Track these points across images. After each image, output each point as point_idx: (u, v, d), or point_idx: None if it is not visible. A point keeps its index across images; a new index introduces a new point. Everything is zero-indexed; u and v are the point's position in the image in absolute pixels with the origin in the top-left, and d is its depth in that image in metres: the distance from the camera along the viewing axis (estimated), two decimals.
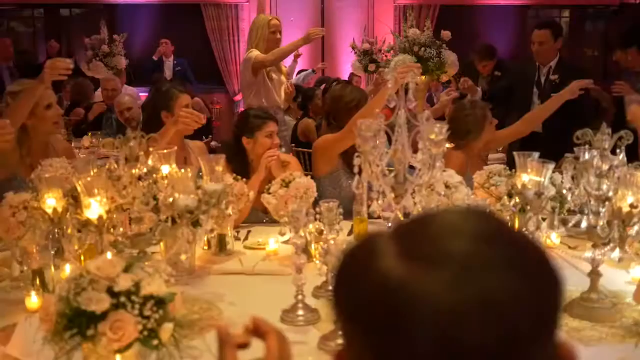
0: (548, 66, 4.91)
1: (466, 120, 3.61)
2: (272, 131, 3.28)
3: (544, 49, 4.90)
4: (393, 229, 0.76)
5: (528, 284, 0.69)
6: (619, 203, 2.01)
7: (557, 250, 2.72)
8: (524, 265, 0.71)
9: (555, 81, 4.83)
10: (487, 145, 3.80)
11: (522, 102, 4.94)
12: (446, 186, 2.53)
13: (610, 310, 2.09)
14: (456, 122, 3.59)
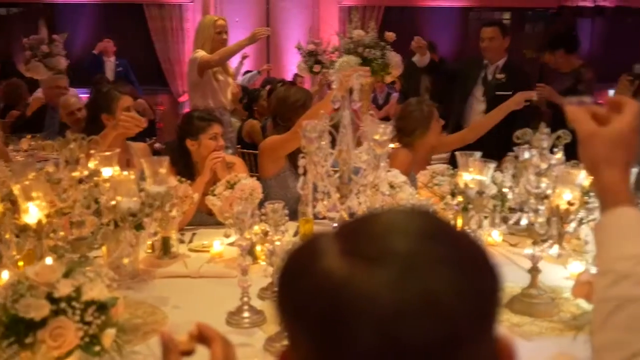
0: (495, 65, 5.00)
1: (413, 116, 3.67)
2: (217, 133, 3.25)
3: (494, 45, 4.98)
4: (337, 228, 0.77)
5: (469, 281, 0.70)
6: (557, 201, 2.07)
7: (498, 247, 2.77)
8: (465, 263, 0.72)
9: (502, 80, 4.93)
10: (433, 149, 3.85)
11: (466, 99, 5.03)
12: (391, 186, 2.55)
13: (549, 305, 2.14)
14: (403, 120, 3.70)
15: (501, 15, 11.62)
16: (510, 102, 3.76)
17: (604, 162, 1.05)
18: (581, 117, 1.08)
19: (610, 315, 0.92)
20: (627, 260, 0.95)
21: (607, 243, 1.01)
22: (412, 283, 0.67)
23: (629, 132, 1.05)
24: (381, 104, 8.41)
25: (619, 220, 1.01)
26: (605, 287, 0.95)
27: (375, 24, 5.26)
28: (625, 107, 1.07)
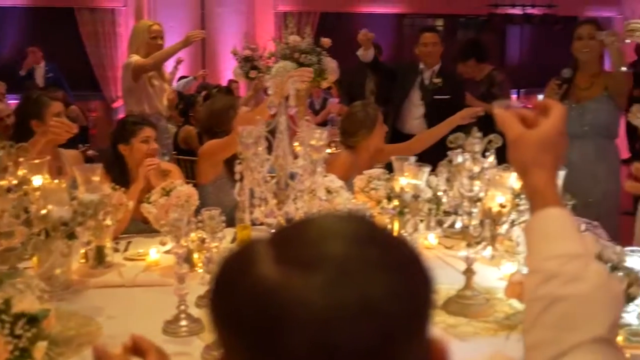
0: (432, 70, 5.09)
1: (357, 117, 3.72)
2: (149, 136, 3.21)
3: (435, 50, 5.08)
4: (271, 235, 0.77)
5: (403, 284, 0.71)
6: (490, 203, 2.11)
7: (434, 250, 2.82)
8: (398, 266, 0.73)
9: (439, 85, 5.03)
10: (376, 157, 3.89)
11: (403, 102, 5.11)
12: (328, 191, 2.56)
13: (483, 305, 2.19)
14: (347, 121, 3.79)
15: (434, 21, 11.84)
16: (457, 117, 3.84)
17: (533, 164, 1.07)
18: (509, 120, 1.10)
19: (540, 314, 0.95)
20: (555, 259, 0.98)
21: (536, 243, 1.03)
22: (346, 287, 0.68)
23: (555, 134, 1.08)
24: (318, 109, 8.44)
25: (548, 221, 1.04)
26: (535, 286, 0.98)
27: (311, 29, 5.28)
28: (551, 110, 1.10)
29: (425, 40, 5.11)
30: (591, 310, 0.93)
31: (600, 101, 3.89)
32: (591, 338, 0.90)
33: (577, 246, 1.00)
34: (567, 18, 10.21)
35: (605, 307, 0.94)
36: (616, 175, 3.96)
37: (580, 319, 0.92)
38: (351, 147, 3.71)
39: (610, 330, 0.92)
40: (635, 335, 1.89)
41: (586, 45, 3.93)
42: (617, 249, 1.96)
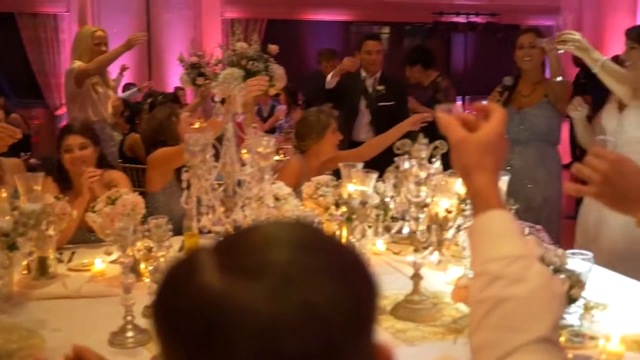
0: (374, 77, 5.15)
1: (309, 121, 3.77)
2: (70, 145, 3.15)
3: (379, 58, 5.14)
4: (215, 243, 0.76)
5: (346, 290, 0.71)
6: (436, 209, 2.14)
7: (382, 256, 2.84)
8: (342, 272, 0.73)
9: (382, 92, 5.09)
10: (328, 165, 3.90)
11: (351, 111, 5.14)
12: (276, 198, 2.56)
13: (431, 310, 2.22)
14: (300, 124, 3.87)
15: (380, 29, 11.96)
16: (407, 123, 3.88)
17: (475, 168, 1.09)
18: (451, 124, 1.12)
19: (485, 316, 0.96)
20: (499, 261, 0.99)
21: (480, 246, 1.05)
22: (289, 294, 0.68)
23: (496, 137, 1.10)
24: (266, 116, 8.41)
25: (491, 223, 1.05)
26: (480, 288, 0.99)
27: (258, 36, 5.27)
28: (492, 113, 1.11)
29: (369, 48, 5.16)
30: (534, 310, 0.95)
31: (541, 108, 3.98)
32: (535, 338, 0.92)
33: (520, 247, 1.02)
34: (510, 26, 10.45)
35: (547, 307, 0.96)
36: (557, 180, 4.05)
37: (523, 319, 0.94)
38: (302, 152, 3.74)
39: (552, 329, 0.94)
40: (577, 336, 1.94)
41: (527, 53, 4.03)
42: (559, 252, 2.01)
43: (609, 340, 1.88)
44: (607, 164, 1.27)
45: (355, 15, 11.21)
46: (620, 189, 1.25)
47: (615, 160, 1.28)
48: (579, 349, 1.91)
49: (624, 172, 1.26)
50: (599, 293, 2.18)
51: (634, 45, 3.29)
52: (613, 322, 2.03)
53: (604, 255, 3.04)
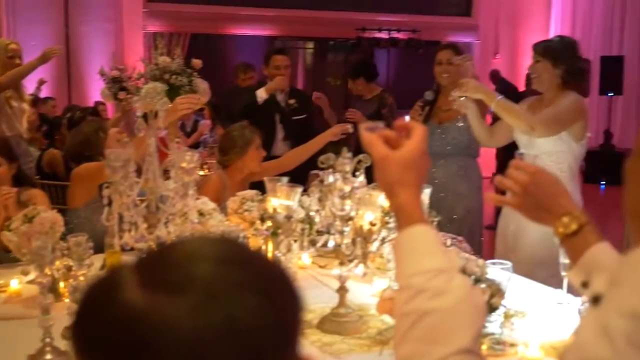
0: (284, 92, 5.18)
1: (232, 136, 3.78)
2: None
3: (287, 73, 5.17)
4: (136, 259, 0.75)
5: (270, 304, 0.72)
6: (361, 222, 2.16)
7: (308, 270, 2.84)
8: (265, 286, 0.73)
9: (294, 105, 5.12)
10: (250, 177, 3.89)
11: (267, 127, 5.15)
12: (200, 213, 2.53)
13: (357, 322, 2.23)
14: (223, 139, 3.88)
15: (305, 44, 12.06)
16: (329, 134, 3.91)
17: (398, 184, 1.11)
18: (374, 142, 1.14)
19: (410, 328, 0.98)
20: (422, 275, 1.01)
21: (404, 260, 1.07)
22: (213, 309, 0.68)
23: (418, 154, 1.13)
24: (189, 131, 8.32)
25: (414, 238, 1.07)
26: (404, 302, 1.01)
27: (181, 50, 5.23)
28: (413, 131, 1.14)
29: (277, 62, 5.14)
30: (456, 322, 0.97)
31: (461, 122, 4.08)
32: (457, 350, 0.94)
33: (442, 261, 1.04)
34: (431, 42, 10.72)
35: (469, 319, 0.98)
36: (478, 192, 4.16)
37: (446, 331, 0.96)
38: (225, 167, 3.73)
39: (474, 340, 0.96)
40: (498, 344, 1.99)
41: (445, 70, 4.13)
42: (479, 262, 2.06)
43: (528, 347, 1.94)
44: (526, 176, 1.32)
45: (280, 30, 11.27)
46: (538, 199, 1.30)
47: (534, 172, 1.33)
48: (499, 356, 1.96)
49: (541, 183, 1.31)
50: (518, 301, 2.25)
51: (539, 58, 3.43)
52: (532, 329, 2.09)
53: (523, 264, 3.14)
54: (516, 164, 1.37)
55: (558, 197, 1.29)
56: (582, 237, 1.24)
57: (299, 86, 11.92)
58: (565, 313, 2.32)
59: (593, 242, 1.23)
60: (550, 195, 1.30)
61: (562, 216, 1.26)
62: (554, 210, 1.28)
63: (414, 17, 11.57)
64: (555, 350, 2.00)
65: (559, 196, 1.29)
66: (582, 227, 1.25)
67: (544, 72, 3.42)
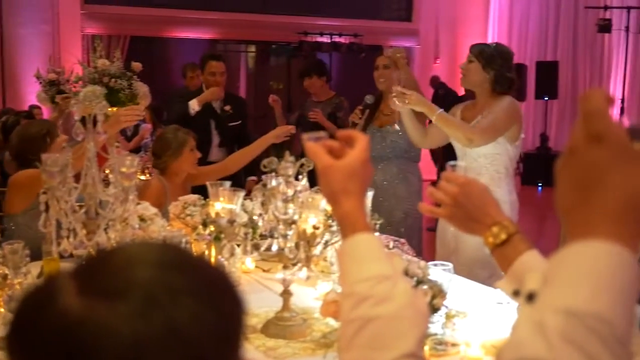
0: (220, 98, 5.15)
1: (165, 139, 3.75)
2: None
3: (222, 79, 5.14)
4: (74, 267, 0.74)
5: (212, 308, 0.72)
6: (304, 225, 2.17)
7: (252, 274, 2.83)
8: (206, 291, 0.73)
9: (229, 112, 5.11)
10: (191, 181, 3.85)
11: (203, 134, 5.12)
12: (141, 219, 2.50)
13: (301, 326, 2.23)
14: (156, 142, 3.85)
15: (246, 47, 12.02)
16: (271, 136, 3.90)
17: (341, 193, 1.13)
18: (318, 152, 1.16)
19: (354, 335, 0.98)
20: (366, 282, 1.03)
21: (348, 267, 1.08)
22: (154, 314, 0.68)
23: (360, 164, 1.14)
24: (130, 135, 8.19)
25: (358, 246, 1.09)
26: (349, 309, 1.02)
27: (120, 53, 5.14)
28: (356, 141, 1.16)
29: (213, 69, 5.11)
30: (400, 328, 0.98)
31: (402, 125, 4.13)
32: (401, 355, 0.95)
33: (385, 267, 1.05)
34: (372, 47, 10.82)
35: (412, 324, 0.99)
36: (418, 195, 4.20)
37: (390, 337, 0.97)
38: (162, 171, 3.70)
39: (418, 345, 0.98)
40: (440, 344, 2.02)
41: (381, 74, 4.18)
42: (421, 264, 2.09)
43: (469, 347, 1.97)
44: (456, 187, 1.35)
45: (221, 34, 11.20)
46: (468, 210, 1.33)
47: (463, 183, 1.36)
48: (442, 356, 1.99)
49: (470, 193, 1.33)
50: (459, 302, 2.28)
51: (472, 58, 3.52)
52: (473, 328, 2.13)
53: (464, 265, 3.21)
54: (447, 175, 1.39)
55: (487, 207, 1.31)
56: (511, 246, 1.26)
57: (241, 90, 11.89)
58: (505, 312, 2.37)
59: (523, 251, 1.25)
60: (479, 205, 1.32)
61: (491, 226, 1.28)
62: (483, 221, 1.30)
63: (356, 21, 11.66)
64: (495, 349, 2.04)
65: (488, 206, 1.31)
66: (511, 236, 1.27)
67: (473, 72, 3.51)
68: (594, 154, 0.74)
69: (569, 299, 0.71)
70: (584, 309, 0.70)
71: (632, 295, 0.72)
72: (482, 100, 3.54)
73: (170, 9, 10.67)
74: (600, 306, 0.70)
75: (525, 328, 0.72)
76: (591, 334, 0.69)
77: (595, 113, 0.74)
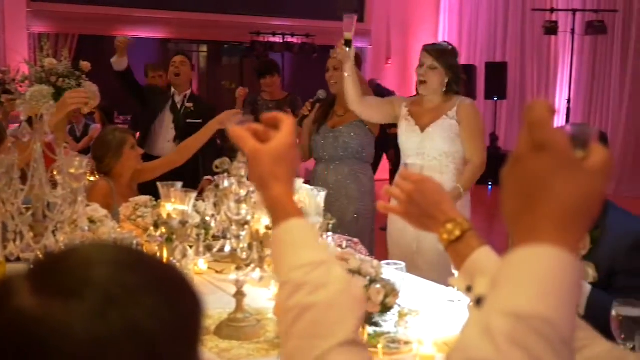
0: (184, 94, 5.13)
1: (104, 141, 3.69)
2: None
3: (185, 69, 5.14)
4: (29, 267, 0.73)
5: (169, 306, 0.72)
6: (257, 226, 2.16)
7: (205, 275, 2.80)
8: (164, 289, 0.73)
9: (191, 109, 5.08)
10: (137, 179, 3.80)
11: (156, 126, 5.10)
12: (91, 221, 2.45)
13: (255, 327, 2.22)
14: (96, 146, 3.78)
15: (198, 47, 11.92)
16: (215, 122, 3.84)
17: (270, 177, 1.11)
18: (244, 135, 1.14)
19: (293, 324, 0.98)
20: (300, 269, 1.02)
21: (283, 255, 1.07)
22: (110, 311, 0.67)
23: (287, 147, 1.13)
24: (79, 135, 8.05)
25: (291, 232, 1.08)
26: (286, 298, 1.01)
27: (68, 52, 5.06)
28: (282, 124, 1.15)
29: (177, 64, 5.20)
30: (337, 315, 0.98)
31: (354, 127, 4.14)
32: (340, 342, 0.95)
33: (320, 253, 1.05)
34: (324, 47, 10.84)
35: (350, 310, 0.99)
36: (370, 195, 4.21)
37: (328, 325, 0.97)
38: (107, 174, 3.63)
39: (356, 331, 0.98)
40: (393, 342, 2.03)
41: (332, 76, 4.17)
42: (374, 263, 2.10)
43: (422, 344, 1.99)
44: (411, 184, 1.36)
45: (173, 33, 11.09)
46: (422, 207, 1.34)
47: (418, 180, 1.37)
48: (395, 355, 2.00)
49: (425, 190, 1.35)
50: (412, 300, 2.31)
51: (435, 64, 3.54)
52: (425, 326, 2.15)
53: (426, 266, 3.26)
54: (403, 173, 1.41)
55: (441, 205, 1.32)
56: (465, 242, 1.27)
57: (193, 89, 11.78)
58: (457, 310, 2.40)
59: (476, 247, 1.26)
60: (433, 202, 1.33)
61: (445, 223, 1.29)
62: (437, 217, 1.32)
63: (308, 21, 11.68)
64: (448, 346, 2.07)
65: (442, 204, 1.33)
66: (465, 233, 1.28)
67: (437, 78, 3.54)
68: (538, 162, 0.77)
69: (515, 302, 0.73)
70: (529, 311, 0.71)
71: (575, 297, 0.74)
72: (435, 100, 3.59)
73: (120, 7, 10.52)
74: (545, 308, 0.71)
75: (473, 330, 0.73)
76: (537, 335, 0.70)
77: (539, 122, 0.76)
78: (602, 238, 2.37)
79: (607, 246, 2.36)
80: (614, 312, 1.88)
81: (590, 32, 10.37)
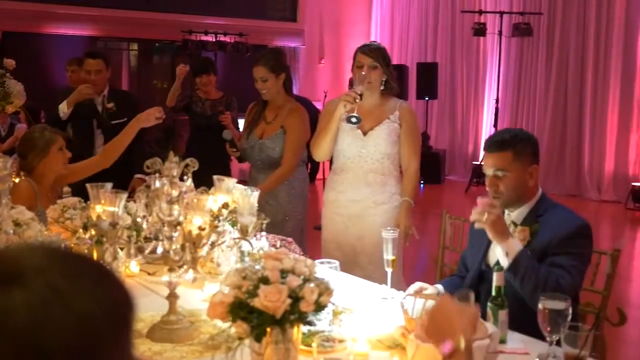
0: (102, 95, 4.97)
1: (30, 138, 3.57)
2: None
3: (101, 77, 4.94)
4: None
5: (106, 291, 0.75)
6: (189, 226, 2.13)
7: (137, 278, 2.76)
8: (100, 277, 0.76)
9: (113, 109, 4.93)
10: (65, 179, 3.70)
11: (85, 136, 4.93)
12: (16, 224, 2.37)
13: (188, 329, 2.20)
14: (21, 142, 3.65)
15: (129, 45, 11.70)
16: (140, 119, 3.76)
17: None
18: None
19: None
20: None
21: None
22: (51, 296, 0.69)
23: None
24: (4, 136, 7.79)
25: None
26: None
27: None
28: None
29: (88, 67, 4.95)
30: None
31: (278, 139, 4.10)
32: None
33: None
34: (258, 46, 10.80)
35: None
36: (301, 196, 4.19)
37: None
38: (28, 172, 3.49)
39: None
40: (327, 341, 2.05)
41: (261, 87, 4.09)
42: (308, 262, 2.10)
43: (356, 342, 2.01)
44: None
45: (102, 31, 10.84)
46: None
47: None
48: (329, 353, 2.01)
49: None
50: (345, 298, 2.32)
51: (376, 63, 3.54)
52: (359, 324, 2.17)
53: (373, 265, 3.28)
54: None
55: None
56: None
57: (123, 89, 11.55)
58: (389, 307, 2.43)
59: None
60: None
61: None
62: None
63: (241, 20, 11.61)
64: (381, 344, 2.10)
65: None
66: None
67: (378, 76, 3.57)
68: None
69: None
70: None
71: None
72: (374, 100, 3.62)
73: (47, 4, 10.20)
74: None
75: None
76: None
77: None
78: (540, 231, 2.52)
79: (545, 236, 2.48)
80: (541, 306, 1.94)
81: (517, 33, 10.66)
